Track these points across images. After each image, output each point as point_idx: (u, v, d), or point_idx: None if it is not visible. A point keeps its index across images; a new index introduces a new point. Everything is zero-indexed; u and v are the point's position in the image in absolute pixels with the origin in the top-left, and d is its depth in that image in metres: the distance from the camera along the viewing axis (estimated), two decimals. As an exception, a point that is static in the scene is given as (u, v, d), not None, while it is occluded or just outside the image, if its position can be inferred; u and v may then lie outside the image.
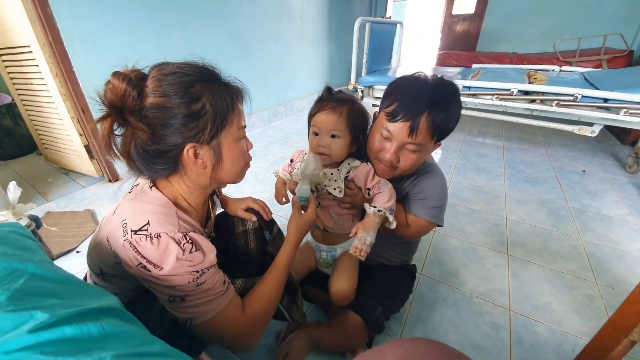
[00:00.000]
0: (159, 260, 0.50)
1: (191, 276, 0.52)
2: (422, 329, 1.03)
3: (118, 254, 0.53)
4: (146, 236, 0.50)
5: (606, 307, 1.12)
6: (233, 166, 0.60)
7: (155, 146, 0.52)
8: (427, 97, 0.70)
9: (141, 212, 0.53)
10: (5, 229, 0.46)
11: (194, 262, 0.52)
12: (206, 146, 0.54)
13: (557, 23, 3.87)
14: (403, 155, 0.75)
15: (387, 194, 0.76)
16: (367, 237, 0.71)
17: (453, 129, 0.76)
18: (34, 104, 1.94)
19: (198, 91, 0.51)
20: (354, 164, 0.79)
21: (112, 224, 0.55)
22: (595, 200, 1.81)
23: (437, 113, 0.70)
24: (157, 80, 0.50)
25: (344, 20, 4.03)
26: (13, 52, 1.77)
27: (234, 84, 0.58)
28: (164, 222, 0.53)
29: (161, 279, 0.51)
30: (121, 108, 0.49)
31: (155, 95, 0.49)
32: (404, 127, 0.71)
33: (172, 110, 0.50)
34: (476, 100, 2.19)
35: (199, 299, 0.53)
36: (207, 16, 2.30)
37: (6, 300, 0.31)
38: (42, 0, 1.47)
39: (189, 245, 0.53)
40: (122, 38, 1.82)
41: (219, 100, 0.53)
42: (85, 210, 1.66)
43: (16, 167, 2.26)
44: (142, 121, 0.50)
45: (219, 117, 0.53)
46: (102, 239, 0.56)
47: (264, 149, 2.55)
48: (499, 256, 1.36)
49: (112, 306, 0.36)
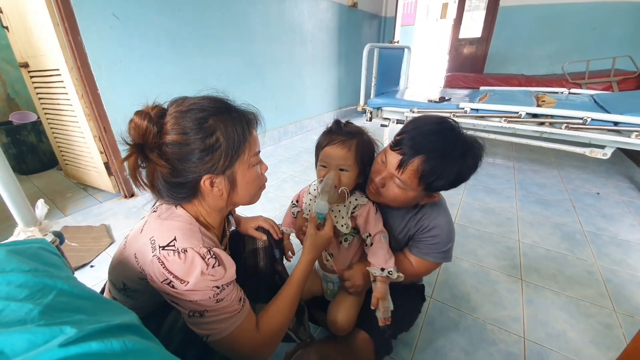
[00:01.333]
0: (184, 275, 0.53)
1: (212, 292, 0.54)
2: (432, 355, 1.01)
3: (145, 270, 0.56)
4: (174, 251, 0.53)
5: (625, 336, 1.07)
6: (247, 191, 0.64)
7: (175, 179, 0.56)
8: (434, 144, 0.67)
9: (168, 229, 0.57)
10: (35, 246, 0.49)
11: (216, 276, 0.55)
12: (221, 176, 0.58)
13: (564, 46, 3.91)
14: (388, 186, 0.74)
15: (386, 250, 0.78)
16: (388, 304, 0.75)
17: (442, 188, 0.72)
18: (59, 123, 2.05)
19: (212, 125, 0.54)
20: (361, 200, 0.79)
21: (140, 241, 0.58)
22: (611, 224, 1.76)
23: (432, 161, 0.66)
24: (174, 118, 0.54)
25: (353, 45, 4.18)
26: (43, 74, 1.90)
27: (248, 112, 0.61)
28: (190, 238, 0.56)
29: (184, 294, 0.53)
30: (143, 145, 0.53)
31: (174, 133, 0.53)
32: (396, 159, 0.69)
33: (188, 146, 0.53)
34: (484, 122, 2.21)
35: (216, 315, 0.55)
36: (223, 43, 2.43)
37: (38, 315, 0.33)
38: (73, 28, 1.60)
39: (213, 260, 0.55)
40: (146, 63, 1.93)
41: (232, 132, 0.56)
42: (101, 225, 1.71)
43: (37, 182, 2.36)
44: (162, 157, 0.54)
45: (232, 149, 0.56)
46: (129, 256, 0.59)
47: (274, 167, 2.60)
48: (512, 281, 1.33)
49: (132, 323, 0.38)
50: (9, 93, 2.75)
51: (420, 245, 0.84)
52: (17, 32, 1.89)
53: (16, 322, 0.31)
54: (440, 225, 0.82)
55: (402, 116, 2.59)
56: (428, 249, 0.83)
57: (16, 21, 1.85)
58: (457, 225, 1.75)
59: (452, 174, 0.68)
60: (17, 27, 1.87)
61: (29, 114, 2.66)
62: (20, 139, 2.41)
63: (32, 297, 0.35)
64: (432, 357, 1.00)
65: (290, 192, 2.12)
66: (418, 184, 0.70)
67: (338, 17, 3.75)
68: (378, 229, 0.79)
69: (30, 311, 0.33)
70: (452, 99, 2.59)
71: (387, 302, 0.76)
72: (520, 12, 4.08)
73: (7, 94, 2.75)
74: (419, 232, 0.84)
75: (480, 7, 4.66)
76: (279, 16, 2.89)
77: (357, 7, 4.04)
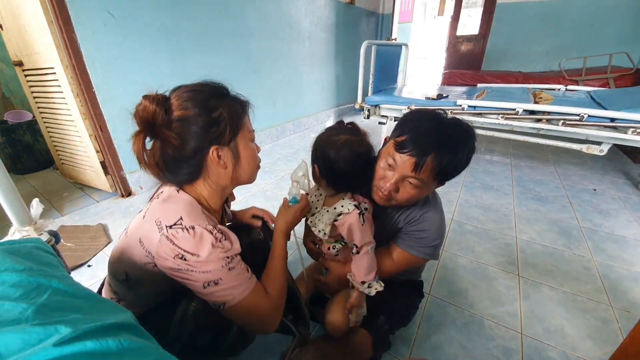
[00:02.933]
0: (195, 249, 0.56)
1: (224, 261, 0.58)
2: (430, 351, 1.01)
3: (151, 253, 0.58)
4: (182, 228, 0.56)
5: (622, 331, 1.08)
6: (249, 165, 0.68)
7: (183, 152, 0.59)
8: (439, 137, 0.69)
9: (173, 211, 0.59)
10: (30, 245, 0.49)
11: (225, 248, 0.59)
12: (226, 148, 0.63)
13: (562, 42, 3.92)
14: (403, 187, 0.73)
15: (371, 261, 0.78)
16: (362, 311, 0.79)
17: (459, 173, 0.73)
18: (54, 122, 2.03)
19: (214, 102, 0.60)
20: (346, 209, 0.76)
21: (145, 226, 0.60)
22: (607, 220, 1.77)
23: (445, 155, 0.68)
24: (179, 98, 0.59)
25: (351, 42, 4.17)
26: (38, 72, 1.88)
27: (240, 97, 0.68)
28: (195, 217, 0.59)
29: (197, 265, 0.56)
30: (153, 124, 0.57)
31: (180, 109, 0.58)
32: (409, 162, 0.69)
33: (196, 119, 0.58)
34: (482, 119, 2.21)
35: (231, 282, 0.59)
36: (220, 40, 2.41)
37: (32, 314, 0.32)
38: (67, 26, 1.58)
39: (220, 234, 0.59)
40: (141, 61, 1.92)
41: (233, 108, 0.62)
42: (98, 224, 1.70)
43: (33, 181, 2.34)
44: (171, 131, 0.58)
45: (234, 122, 0.62)
46: (134, 242, 0.61)
47: (272, 166, 2.59)
48: (510, 277, 1.34)
49: (128, 322, 0.37)
50: (4, 92, 2.73)
51: (406, 238, 0.84)
52: (11, 30, 1.87)
53: (10, 322, 0.31)
54: (431, 220, 0.81)
55: (399, 114, 2.59)
56: (414, 242, 0.82)
57: (10, 19, 1.83)
58: (455, 222, 1.75)
59: (464, 160, 0.71)
60: (11, 25, 1.85)
61: (24, 113, 2.64)
62: (15, 138, 2.38)
63: (27, 297, 0.35)
64: (430, 353, 1.01)
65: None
66: (434, 178, 0.72)
67: (335, 14, 3.73)
68: (365, 241, 0.77)
69: (24, 310, 0.32)
70: (450, 96, 2.59)
71: (361, 309, 0.79)
72: (517, 9, 4.08)
73: (2, 92, 2.72)
74: (407, 225, 0.83)
75: (478, 4, 4.67)
76: (276, 13, 2.88)
77: (355, 4, 4.02)
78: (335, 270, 0.86)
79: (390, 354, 0.99)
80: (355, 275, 0.79)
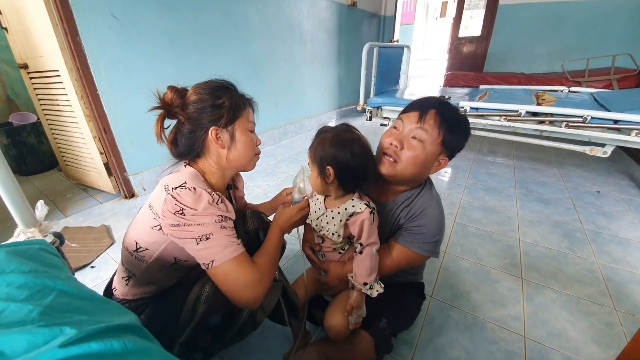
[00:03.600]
0: (194, 203, 0.64)
1: (217, 217, 0.66)
2: (433, 355, 1.01)
3: (158, 214, 0.67)
4: (185, 188, 0.65)
5: (626, 334, 1.07)
6: (245, 150, 0.76)
7: (191, 127, 0.71)
8: (442, 103, 0.79)
9: (179, 177, 0.69)
10: (35, 247, 0.49)
11: (221, 209, 0.67)
12: (224, 130, 0.72)
13: (565, 44, 3.91)
14: (408, 144, 0.78)
15: (374, 262, 0.78)
16: (362, 312, 0.80)
17: (458, 142, 0.80)
18: (59, 124, 2.05)
19: (221, 92, 0.73)
20: (358, 208, 0.76)
21: (155, 192, 0.71)
22: (611, 222, 1.76)
23: (446, 110, 0.78)
24: (194, 88, 0.73)
25: (353, 44, 4.17)
26: (42, 75, 1.90)
27: (246, 95, 0.79)
28: (197, 182, 0.69)
29: (193, 218, 0.63)
30: (170, 105, 0.70)
31: (194, 95, 0.71)
32: (414, 115, 0.78)
33: (203, 103, 0.71)
34: (484, 121, 2.21)
35: (221, 239, 0.65)
36: (223, 42, 2.43)
37: (38, 316, 0.33)
38: (72, 29, 1.60)
39: (217, 197, 0.68)
40: (145, 63, 1.93)
41: (235, 99, 0.74)
42: (101, 225, 1.71)
43: (37, 183, 2.36)
44: (184, 111, 0.71)
45: (234, 110, 0.73)
46: (144, 209, 0.73)
47: (274, 167, 2.60)
48: (513, 279, 1.33)
49: (132, 323, 0.38)
50: (9, 94, 2.75)
51: (406, 235, 0.84)
52: (16, 33, 1.89)
53: (16, 323, 0.31)
54: (430, 216, 0.82)
55: (401, 115, 2.59)
56: (413, 239, 0.83)
57: (15, 22, 1.85)
58: (457, 224, 1.75)
59: (464, 123, 0.79)
60: (16, 28, 1.87)
61: (28, 115, 2.66)
62: (20, 140, 2.41)
63: (32, 298, 0.35)
64: (433, 356, 1.00)
65: (290, 192, 2.12)
66: (439, 132, 0.76)
67: (337, 16, 3.74)
68: (371, 241, 0.77)
69: (30, 312, 0.33)
70: (452, 98, 2.59)
71: (361, 310, 0.79)
72: (520, 10, 4.07)
73: (7, 95, 2.75)
74: (408, 220, 0.84)
75: (480, 5, 4.66)
76: (278, 15, 2.89)
77: (357, 6, 4.03)
78: (335, 271, 0.86)
79: (393, 356, 0.99)
80: (357, 276, 0.79)
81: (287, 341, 1.04)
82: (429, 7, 8.70)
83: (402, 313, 0.95)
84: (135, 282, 0.76)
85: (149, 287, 0.77)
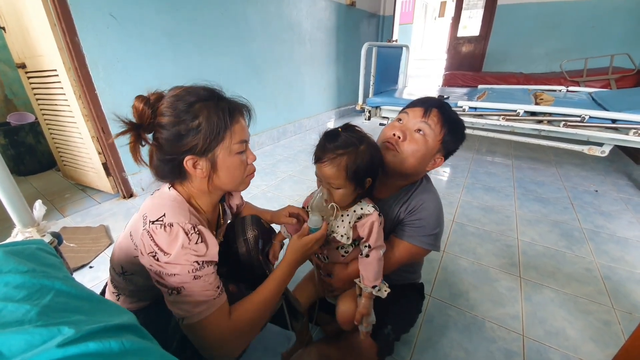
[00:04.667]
0: (167, 247, 0.57)
1: (191, 267, 0.57)
2: (432, 354, 1.01)
3: (138, 246, 0.60)
4: (161, 225, 0.58)
5: (624, 333, 1.07)
6: (230, 176, 0.66)
7: (164, 156, 0.62)
8: (441, 103, 0.83)
9: (159, 207, 0.62)
10: (33, 247, 0.49)
11: (198, 252, 0.59)
12: (204, 158, 0.62)
13: (563, 43, 3.92)
14: (410, 137, 0.80)
15: (381, 265, 0.78)
16: (371, 319, 0.78)
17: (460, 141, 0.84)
18: (57, 123, 2.04)
19: (197, 110, 0.59)
20: (366, 210, 0.76)
21: (135, 222, 0.64)
22: (609, 222, 1.77)
23: (448, 110, 0.81)
24: (167, 103, 0.60)
25: (352, 44, 4.17)
26: (40, 75, 1.89)
27: (236, 102, 0.66)
28: (177, 214, 0.60)
29: (165, 266, 0.57)
30: (139, 125, 0.59)
31: (164, 116, 0.59)
32: (418, 111, 0.80)
33: (174, 128, 0.59)
34: (483, 120, 2.21)
35: (193, 295, 0.58)
36: (222, 42, 2.42)
37: (36, 316, 0.33)
38: (70, 29, 1.59)
39: (196, 236, 0.59)
40: (144, 63, 1.93)
41: (215, 118, 0.60)
42: (100, 225, 1.71)
43: (35, 183, 2.35)
44: (155, 135, 0.61)
45: (212, 134, 0.60)
46: (126, 236, 0.65)
47: (272, 167, 2.60)
48: (511, 279, 1.33)
49: (130, 323, 0.38)
50: (7, 94, 2.74)
51: (406, 229, 0.85)
52: (14, 32, 1.88)
53: (14, 323, 0.31)
54: (428, 207, 0.83)
55: (400, 115, 2.59)
56: (413, 232, 0.83)
57: (13, 22, 1.84)
58: (456, 223, 1.75)
59: (462, 128, 0.83)
60: (14, 28, 1.86)
61: (26, 115, 2.65)
62: (18, 140, 2.40)
63: (30, 298, 0.35)
64: (432, 355, 1.01)
65: (289, 192, 2.12)
66: (441, 129, 0.79)
67: (336, 16, 3.74)
68: (379, 243, 0.77)
69: (28, 312, 0.33)
70: (451, 98, 2.59)
71: (370, 317, 0.78)
72: (518, 10, 4.08)
73: (5, 95, 2.74)
74: (408, 215, 0.85)
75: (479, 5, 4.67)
76: (277, 15, 2.89)
77: (356, 6, 4.03)
78: (340, 273, 0.85)
79: (391, 355, 0.99)
80: (365, 279, 0.78)
81: (286, 340, 1.04)
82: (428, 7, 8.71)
83: (405, 317, 0.95)
84: (125, 298, 0.73)
85: (140, 303, 0.74)
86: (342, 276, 0.85)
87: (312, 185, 2.13)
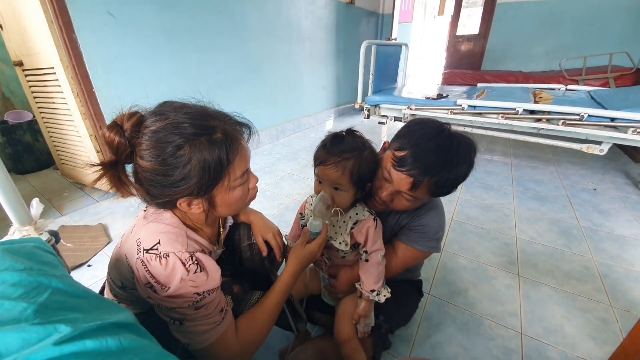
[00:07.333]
0: (165, 281, 0.53)
1: (192, 299, 0.53)
2: (430, 351, 1.01)
3: (133, 273, 0.57)
4: (156, 255, 0.53)
5: (622, 331, 1.08)
6: (229, 209, 0.62)
7: (152, 199, 0.56)
8: (438, 159, 0.68)
9: (153, 232, 0.56)
10: (30, 245, 0.49)
11: (197, 282, 0.54)
12: (199, 198, 0.56)
13: (562, 42, 3.92)
14: (397, 199, 0.75)
15: (381, 269, 0.78)
16: (370, 321, 0.79)
17: (455, 188, 0.74)
18: (54, 122, 2.03)
19: (187, 154, 0.50)
20: (361, 215, 0.77)
21: (129, 242, 0.59)
22: (607, 220, 1.77)
23: (443, 178, 0.68)
24: (148, 141, 0.50)
25: (351, 42, 4.17)
26: (38, 73, 1.88)
27: (234, 128, 0.57)
28: (174, 242, 0.55)
29: (164, 300, 0.53)
30: (117, 161, 0.52)
31: (147, 160, 0.50)
32: (406, 180, 0.69)
33: (161, 176, 0.51)
34: (482, 119, 2.21)
35: (195, 326, 0.55)
36: (221, 40, 2.41)
37: (32, 314, 0.33)
38: (67, 26, 1.58)
39: (194, 266, 0.55)
40: (142, 61, 1.92)
41: (210, 159, 0.52)
42: (98, 224, 1.70)
43: (33, 181, 2.34)
44: (135, 169, 0.53)
45: (208, 178, 0.53)
46: (122, 256, 0.60)
47: (271, 166, 2.59)
48: (510, 277, 1.34)
49: (128, 321, 0.38)
50: (4, 92, 2.73)
51: (410, 234, 0.85)
52: (11, 30, 1.87)
53: (10, 321, 0.31)
54: (432, 213, 0.83)
55: (399, 113, 2.59)
56: (417, 237, 0.83)
57: (10, 19, 1.83)
58: (455, 222, 1.75)
59: (460, 178, 0.71)
60: (11, 25, 1.85)
61: (24, 113, 2.64)
62: (16, 138, 2.39)
63: (27, 296, 0.35)
64: (430, 352, 1.01)
65: (289, 190, 2.12)
66: (430, 196, 0.74)
67: (336, 14, 3.73)
68: (376, 247, 0.77)
69: (24, 310, 0.33)
70: (450, 96, 2.59)
71: (369, 319, 0.79)
72: (517, 8, 4.08)
73: (2, 93, 2.72)
74: (411, 219, 0.85)
75: (478, 3, 4.66)
76: (276, 13, 2.88)
77: (355, 4, 4.02)
78: (344, 277, 0.86)
79: (390, 353, 0.99)
80: (365, 284, 0.78)
81: (284, 338, 1.04)
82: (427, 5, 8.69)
83: (399, 309, 0.95)
84: (127, 305, 0.70)
85: (144, 307, 0.71)
86: (347, 279, 0.85)
87: (311, 183, 2.13)
